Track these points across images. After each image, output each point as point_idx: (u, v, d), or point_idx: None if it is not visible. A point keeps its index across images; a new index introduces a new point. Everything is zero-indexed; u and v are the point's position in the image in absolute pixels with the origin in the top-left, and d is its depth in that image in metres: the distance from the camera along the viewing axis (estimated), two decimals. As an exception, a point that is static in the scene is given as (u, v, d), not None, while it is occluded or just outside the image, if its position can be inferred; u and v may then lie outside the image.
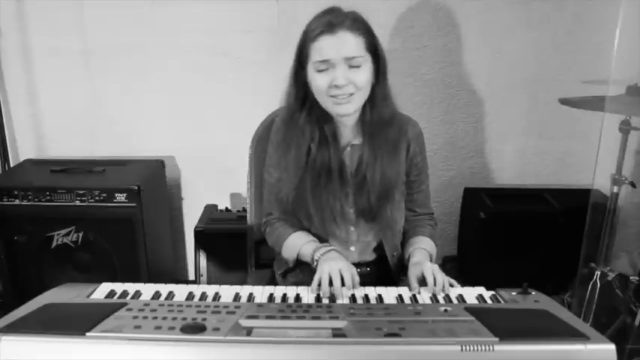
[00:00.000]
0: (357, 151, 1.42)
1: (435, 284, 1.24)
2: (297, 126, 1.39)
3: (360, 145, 1.42)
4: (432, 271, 1.27)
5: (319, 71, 1.29)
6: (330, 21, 1.27)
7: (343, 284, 1.22)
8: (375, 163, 1.39)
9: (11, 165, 2.54)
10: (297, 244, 1.42)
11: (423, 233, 1.51)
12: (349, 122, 1.40)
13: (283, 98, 1.42)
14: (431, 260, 1.42)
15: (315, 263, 1.33)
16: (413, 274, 1.31)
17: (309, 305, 1.10)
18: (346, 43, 1.27)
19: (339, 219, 1.43)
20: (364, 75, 1.30)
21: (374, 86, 1.35)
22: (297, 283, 1.28)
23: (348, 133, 1.42)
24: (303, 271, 1.45)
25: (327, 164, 1.38)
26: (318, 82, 1.30)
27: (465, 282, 1.28)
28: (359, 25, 1.29)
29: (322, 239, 1.43)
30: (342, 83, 1.27)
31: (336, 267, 1.24)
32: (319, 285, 1.23)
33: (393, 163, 1.41)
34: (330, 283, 1.23)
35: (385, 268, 1.51)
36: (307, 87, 1.35)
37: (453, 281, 1.28)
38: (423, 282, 1.28)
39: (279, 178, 1.44)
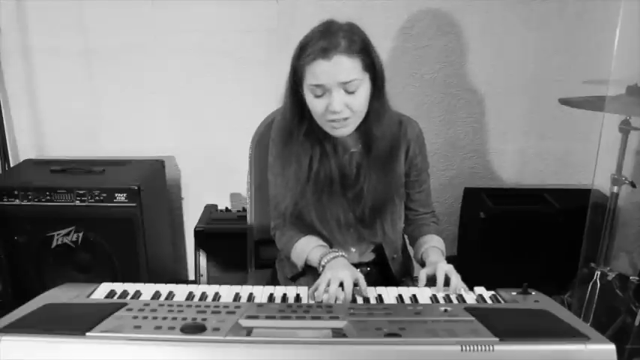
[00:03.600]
0: (356, 157, 1.42)
1: (443, 284, 1.25)
2: (297, 141, 1.37)
3: (358, 153, 1.42)
4: (445, 271, 1.27)
5: (316, 96, 1.27)
6: (325, 47, 1.22)
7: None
8: (370, 177, 1.39)
9: (11, 165, 2.54)
10: (305, 249, 1.41)
11: (429, 231, 1.50)
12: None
13: (281, 98, 1.40)
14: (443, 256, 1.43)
15: (321, 269, 1.33)
16: (425, 271, 1.32)
17: (309, 305, 1.10)
18: (342, 69, 1.23)
19: (342, 228, 1.43)
20: (360, 98, 1.28)
21: (371, 101, 1.32)
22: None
23: (347, 140, 1.41)
24: (313, 275, 1.43)
25: (329, 176, 1.38)
26: (314, 106, 1.28)
27: (465, 282, 1.28)
28: (355, 46, 1.24)
29: (327, 241, 1.43)
30: (338, 109, 1.25)
31: (338, 275, 1.22)
32: (316, 290, 1.23)
33: (388, 175, 1.41)
34: None
35: (385, 269, 1.51)
36: (303, 100, 1.32)
37: (463, 285, 1.27)
38: (431, 282, 1.29)
39: (277, 192, 1.44)
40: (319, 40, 1.24)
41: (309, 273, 1.46)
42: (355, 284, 1.24)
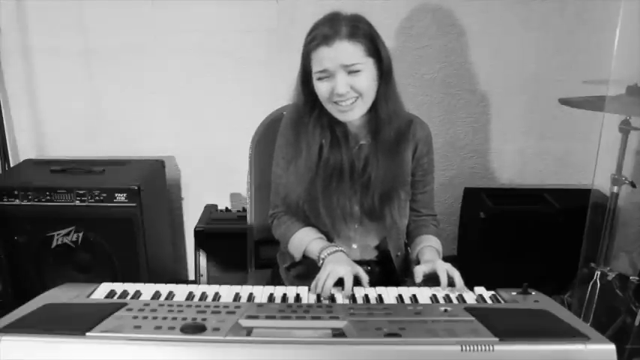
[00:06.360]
0: (365, 150, 1.43)
1: (447, 284, 1.25)
2: (307, 128, 1.39)
3: (367, 145, 1.43)
4: (447, 270, 1.27)
5: (320, 79, 1.31)
6: (326, 34, 1.27)
7: (340, 286, 1.22)
8: (377, 163, 1.39)
9: (11, 165, 2.54)
10: (304, 240, 1.42)
11: (427, 232, 1.51)
12: (356, 123, 1.41)
13: (292, 95, 1.42)
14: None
15: (320, 262, 1.33)
16: (422, 269, 1.31)
17: (309, 305, 1.10)
18: (343, 52, 1.27)
19: (347, 218, 1.44)
20: (364, 80, 1.30)
21: (378, 86, 1.35)
22: (301, 276, 1.27)
23: (357, 132, 1.43)
24: (308, 264, 1.44)
25: (339, 165, 1.39)
26: (320, 90, 1.32)
27: (465, 282, 1.28)
28: (358, 31, 1.28)
29: (328, 236, 1.44)
30: (343, 91, 1.28)
31: (338, 270, 1.23)
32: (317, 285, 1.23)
33: (395, 163, 1.41)
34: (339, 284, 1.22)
35: (386, 268, 1.51)
36: (315, 91, 1.35)
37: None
38: (432, 281, 1.28)
39: (288, 181, 1.44)
40: (322, 28, 1.29)
41: (304, 262, 1.46)
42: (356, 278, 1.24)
